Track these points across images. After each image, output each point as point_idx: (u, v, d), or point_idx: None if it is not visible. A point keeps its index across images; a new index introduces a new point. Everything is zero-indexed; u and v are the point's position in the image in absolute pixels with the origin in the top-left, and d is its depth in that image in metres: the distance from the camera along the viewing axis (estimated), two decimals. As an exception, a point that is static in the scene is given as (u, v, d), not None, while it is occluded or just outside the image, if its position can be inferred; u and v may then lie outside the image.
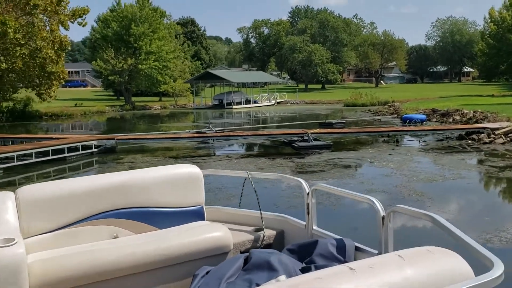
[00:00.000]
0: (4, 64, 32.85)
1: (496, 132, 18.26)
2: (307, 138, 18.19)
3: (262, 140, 20.42)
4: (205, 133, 21.24)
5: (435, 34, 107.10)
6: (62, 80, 37.85)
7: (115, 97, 63.24)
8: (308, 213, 3.64)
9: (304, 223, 3.69)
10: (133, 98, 53.33)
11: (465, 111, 25.56)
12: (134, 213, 3.58)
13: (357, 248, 3.15)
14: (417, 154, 15.96)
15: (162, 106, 51.34)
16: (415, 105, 34.45)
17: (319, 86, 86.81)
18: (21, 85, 36.45)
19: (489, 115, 23.10)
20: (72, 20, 37.99)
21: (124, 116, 42.21)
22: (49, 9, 35.55)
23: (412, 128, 21.05)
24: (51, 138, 17.60)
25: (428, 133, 20.85)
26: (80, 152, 16.45)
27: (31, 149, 14.70)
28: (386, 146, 18.04)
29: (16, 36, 32.47)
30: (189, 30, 74.95)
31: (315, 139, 18.31)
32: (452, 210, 9.03)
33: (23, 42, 33.27)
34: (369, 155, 15.73)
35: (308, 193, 3.62)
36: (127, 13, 48.96)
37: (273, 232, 3.90)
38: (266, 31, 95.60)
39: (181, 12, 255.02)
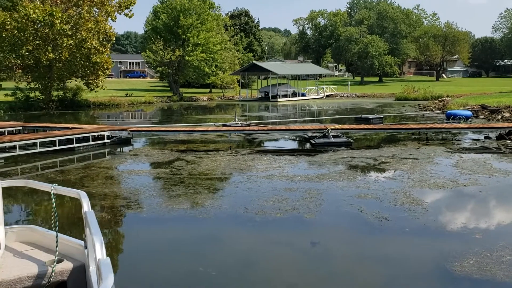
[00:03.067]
0: (51, 54, 33.81)
1: (541, 133, 16.33)
2: (327, 134, 17.16)
3: (284, 135, 19.53)
4: (230, 126, 20.68)
5: (503, 25, 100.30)
6: (107, 70, 38.55)
7: (169, 88, 64.04)
8: (86, 247, 2.86)
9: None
10: (183, 89, 53.64)
11: (516, 108, 23.32)
12: None
13: None
14: (441, 154, 14.49)
15: (210, 98, 51.31)
16: (466, 100, 32.04)
17: (376, 79, 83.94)
18: (68, 75, 37.39)
19: (540, 113, 20.85)
20: (119, 11, 38.57)
21: (172, 107, 42.43)
22: (95, 0, 36.23)
23: (446, 125, 19.28)
24: (68, 128, 17.62)
25: (465, 131, 19.06)
26: (91, 142, 16.31)
27: (35, 138, 14.68)
28: (412, 144, 16.60)
29: (63, 27, 33.29)
30: (242, 21, 74.54)
31: (336, 136, 17.23)
32: (439, 225, 7.84)
33: (70, 33, 34.09)
34: (388, 154, 14.47)
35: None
36: (176, 4, 49.18)
37: (70, 266, 3.11)
38: (322, 22, 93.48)
39: (238, 3, 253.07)
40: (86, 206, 2.97)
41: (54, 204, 3.26)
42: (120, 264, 6.52)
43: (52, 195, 3.25)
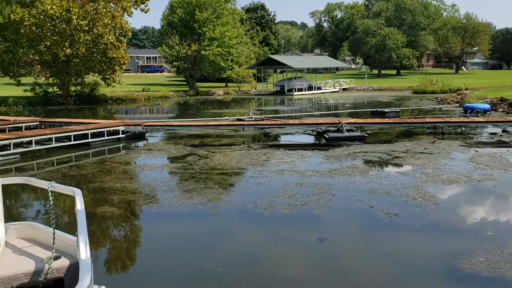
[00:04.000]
0: (68, 50, 34.20)
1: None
2: (341, 128, 17.06)
3: (297, 130, 19.45)
4: (244, 120, 20.69)
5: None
6: (123, 65, 38.84)
7: (185, 83, 64.24)
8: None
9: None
10: (199, 84, 53.75)
11: (536, 101, 22.84)
12: None
13: None
14: (456, 149, 14.28)
15: (225, 92, 51.35)
16: (485, 93, 31.50)
17: (394, 71, 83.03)
18: (85, 70, 37.78)
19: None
20: (135, 6, 38.78)
21: (188, 101, 42.55)
22: (111, -4, 36.48)
23: (463, 119, 19.04)
24: (83, 123, 17.82)
25: (481, 125, 18.75)
26: (106, 137, 16.48)
27: (50, 134, 14.88)
28: (427, 138, 16.40)
29: (80, 22, 33.64)
30: (258, 15, 74.34)
31: (349, 130, 17.11)
32: (449, 221, 7.73)
33: (86, 29, 34.43)
34: (402, 149, 14.32)
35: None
36: (192, -1, 49.23)
37: (67, 263, 3.12)
38: (339, 14, 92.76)
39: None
40: (79, 204, 3.00)
41: (52, 201, 3.30)
42: (127, 257, 6.58)
43: (50, 193, 3.29)
